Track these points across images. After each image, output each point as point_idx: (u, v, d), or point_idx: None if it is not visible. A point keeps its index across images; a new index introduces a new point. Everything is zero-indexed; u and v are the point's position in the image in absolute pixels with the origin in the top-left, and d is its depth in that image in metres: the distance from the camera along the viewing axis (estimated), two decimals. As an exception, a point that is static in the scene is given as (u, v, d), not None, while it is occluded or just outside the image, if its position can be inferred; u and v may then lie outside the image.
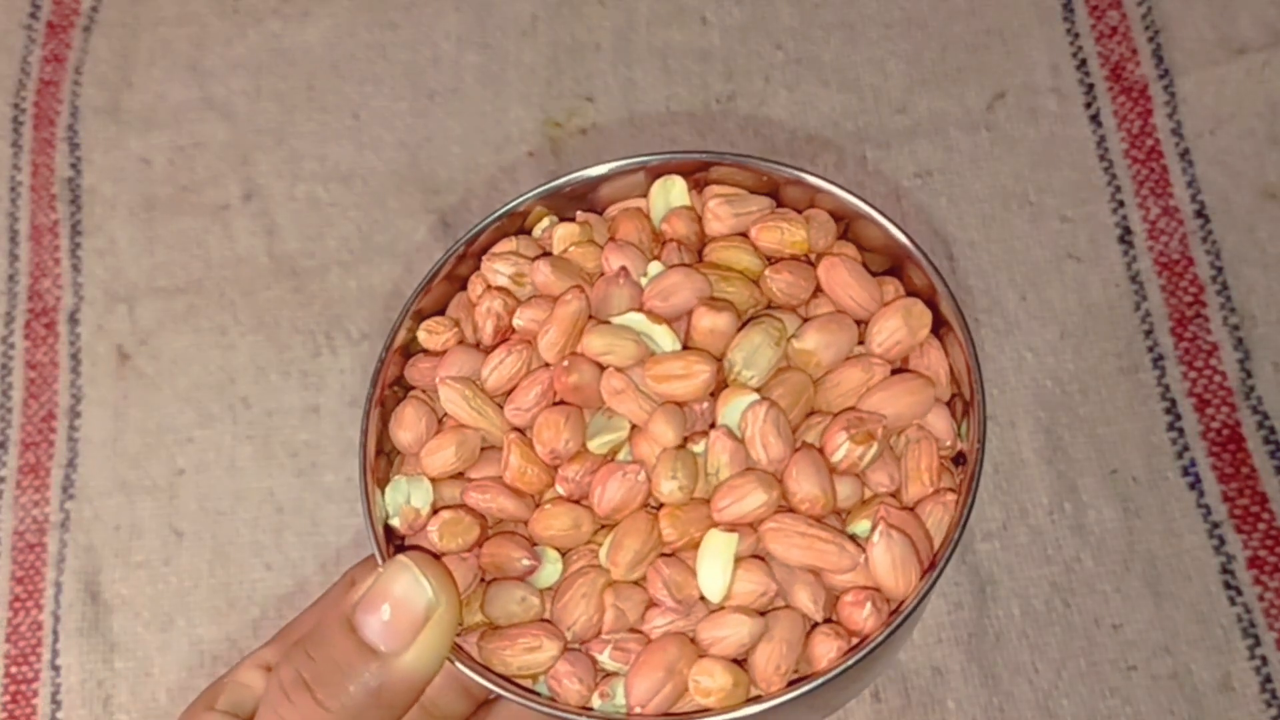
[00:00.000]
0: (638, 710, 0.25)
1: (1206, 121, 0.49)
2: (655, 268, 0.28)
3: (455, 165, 0.51)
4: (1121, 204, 0.49)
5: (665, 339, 0.27)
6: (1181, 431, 0.45)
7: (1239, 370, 0.46)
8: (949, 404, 0.28)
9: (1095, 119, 0.50)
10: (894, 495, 0.27)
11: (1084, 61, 0.51)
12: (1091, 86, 0.50)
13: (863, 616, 0.25)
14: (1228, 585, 0.44)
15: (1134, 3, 0.51)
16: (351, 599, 0.25)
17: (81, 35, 0.55)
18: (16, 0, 0.55)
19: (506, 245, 0.29)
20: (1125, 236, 0.48)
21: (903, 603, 0.25)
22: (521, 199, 0.29)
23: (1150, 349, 0.47)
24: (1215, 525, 0.44)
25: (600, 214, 0.30)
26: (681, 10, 0.53)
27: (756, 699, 0.25)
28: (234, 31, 0.54)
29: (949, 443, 0.27)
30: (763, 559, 0.26)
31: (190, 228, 0.51)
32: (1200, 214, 0.48)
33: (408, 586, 0.24)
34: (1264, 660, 0.43)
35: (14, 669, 0.46)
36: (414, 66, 0.53)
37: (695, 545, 0.25)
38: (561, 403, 0.27)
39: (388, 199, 0.51)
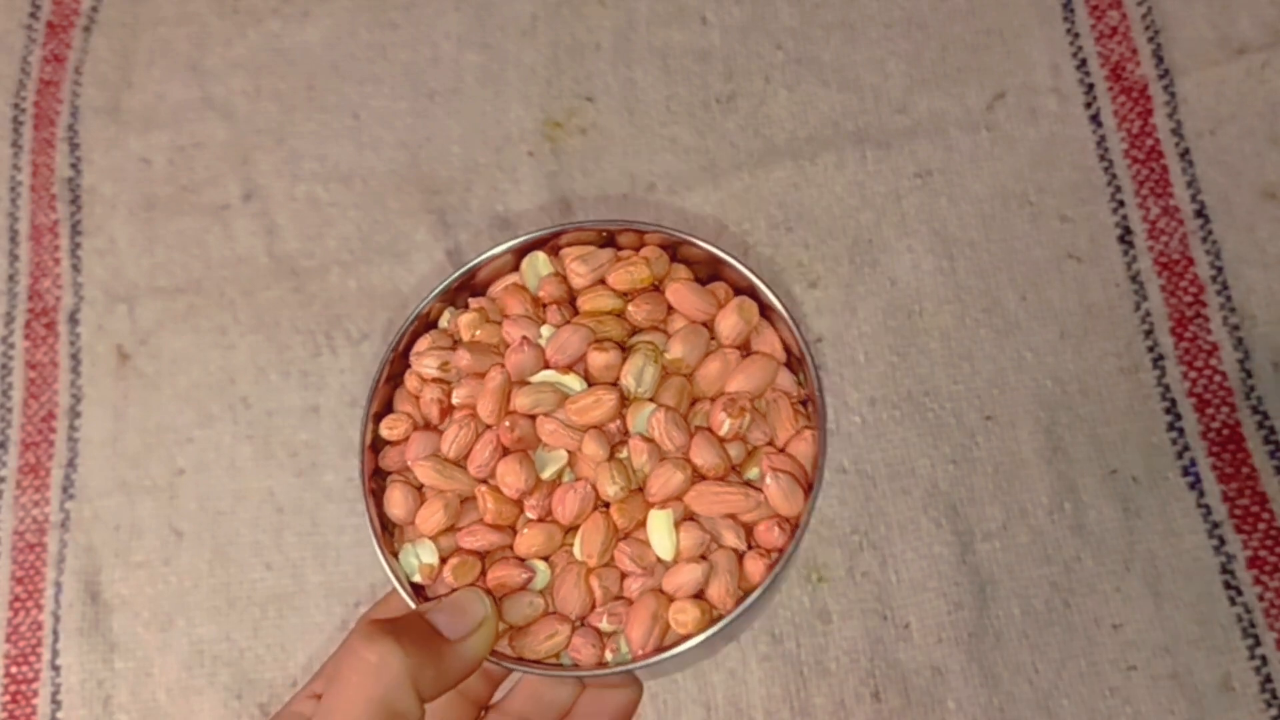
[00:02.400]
0: (640, 653, 0.33)
1: (1206, 121, 0.49)
2: (547, 330, 0.36)
3: (455, 165, 0.51)
4: (1121, 204, 0.49)
5: (574, 383, 0.35)
6: (1181, 431, 0.45)
7: (1239, 370, 0.46)
8: (788, 365, 0.36)
9: (1095, 119, 0.50)
10: (770, 444, 0.35)
11: (1084, 61, 0.51)
12: (1091, 86, 0.50)
13: (775, 537, 0.33)
14: (1228, 585, 0.44)
15: (1134, 3, 0.51)
16: (425, 606, 0.32)
17: (81, 35, 0.55)
18: (16, 0, 0.55)
19: (425, 343, 0.37)
20: (1125, 236, 0.48)
21: (797, 519, 0.34)
22: (424, 303, 0.37)
23: (1150, 349, 0.47)
24: (1215, 525, 0.44)
25: (484, 292, 0.38)
26: (681, 10, 0.53)
27: (720, 618, 0.33)
28: (234, 31, 0.54)
29: (794, 394, 0.36)
30: (693, 519, 0.34)
31: (190, 228, 0.51)
32: (1200, 214, 0.48)
33: (472, 600, 0.33)
34: (1264, 660, 0.43)
35: (14, 669, 0.46)
36: (414, 66, 0.53)
37: (642, 525, 0.34)
38: (508, 452, 0.34)
39: (388, 199, 0.51)
